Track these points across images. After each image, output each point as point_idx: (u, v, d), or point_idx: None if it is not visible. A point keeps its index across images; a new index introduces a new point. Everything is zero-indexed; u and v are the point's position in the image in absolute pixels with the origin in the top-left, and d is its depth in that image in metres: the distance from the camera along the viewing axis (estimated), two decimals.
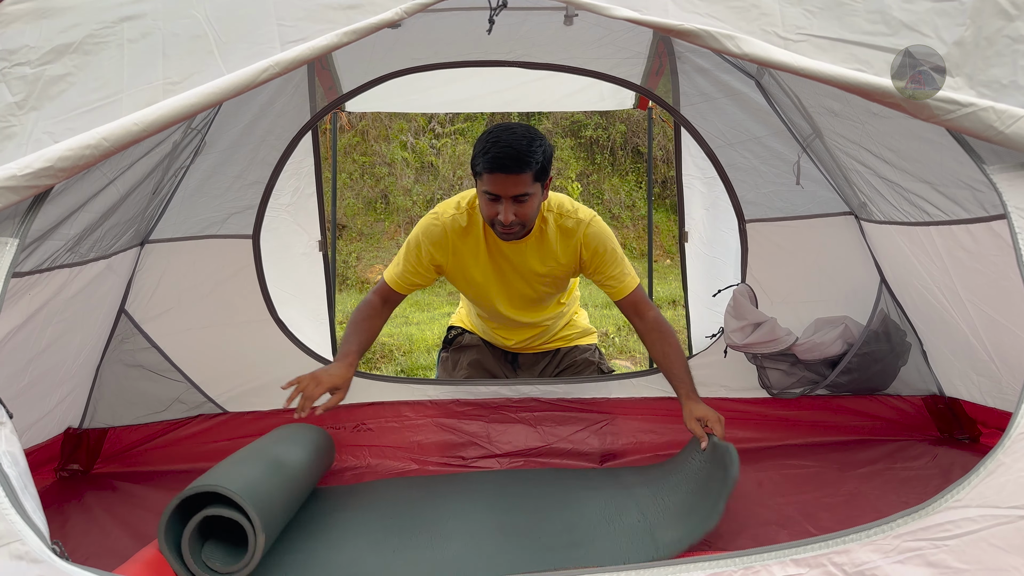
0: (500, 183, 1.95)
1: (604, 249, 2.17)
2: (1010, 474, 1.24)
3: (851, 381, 2.43)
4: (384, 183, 9.08)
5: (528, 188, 1.96)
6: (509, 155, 1.91)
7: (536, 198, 2.02)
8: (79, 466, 2.35)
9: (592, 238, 2.17)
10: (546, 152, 1.99)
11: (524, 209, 2.00)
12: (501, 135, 1.95)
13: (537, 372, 2.60)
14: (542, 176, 2.00)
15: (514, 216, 1.99)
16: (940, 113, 1.32)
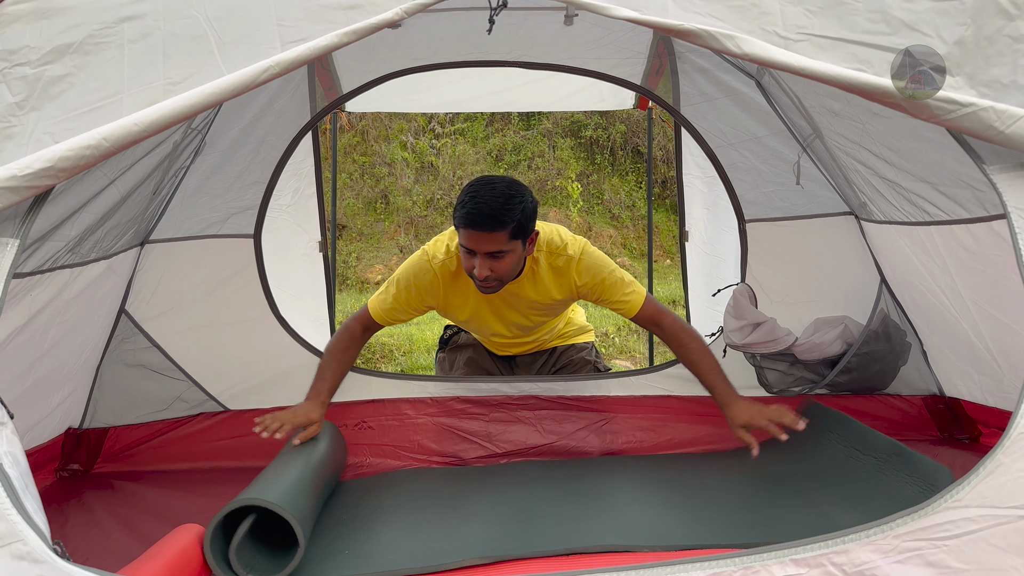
0: (474, 239, 1.92)
1: (601, 279, 2.14)
2: (1010, 474, 1.24)
3: (851, 381, 2.43)
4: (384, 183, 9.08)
5: (503, 246, 1.93)
6: (483, 213, 1.88)
7: (514, 255, 1.99)
8: (79, 466, 2.35)
9: (586, 273, 2.14)
10: (526, 210, 1.94)
11: (500, 265, 1.97)
12: (480, 190, 1.92)
13: (534, 371, 2.60)
14: (520, 234, 1.96)
15: (490, 271, 1.97)
16: (940, 113, 1.32)
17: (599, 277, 2.14)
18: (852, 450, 2.03)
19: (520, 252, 2.01)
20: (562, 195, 9.21)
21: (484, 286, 2.03)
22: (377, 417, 2.46)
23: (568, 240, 2.18)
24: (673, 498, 1.89)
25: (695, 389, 2.50)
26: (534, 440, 2.42)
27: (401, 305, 2.19)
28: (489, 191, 1.91)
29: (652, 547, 1.55)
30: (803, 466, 2.08)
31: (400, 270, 2.22)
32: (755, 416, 1.93)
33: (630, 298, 2.14)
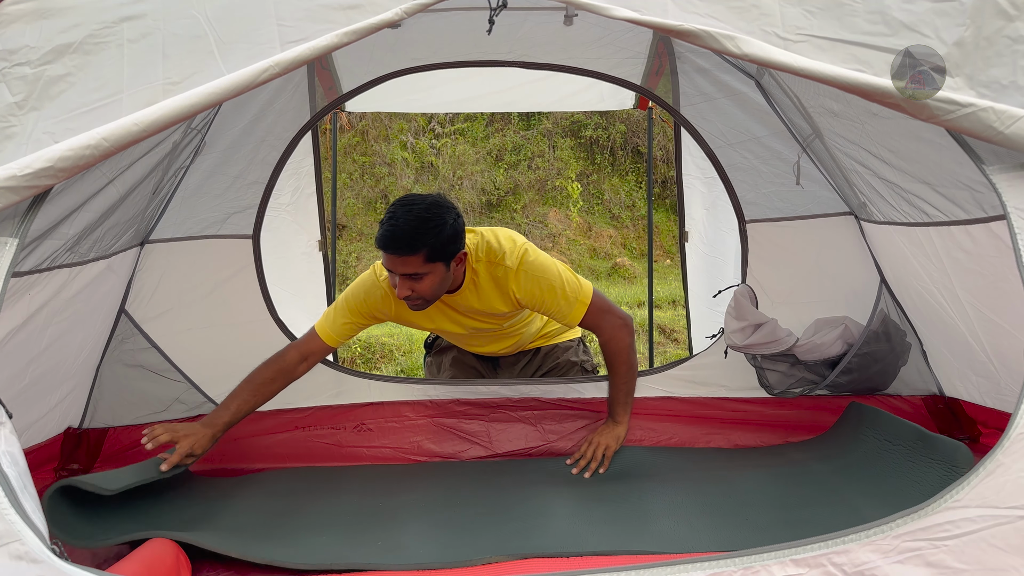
0: (389, 261, 1.91)
1: (540, 290, 2.07)
2: (1009, 474, 1.24)
3: (851, 381, 2.43)
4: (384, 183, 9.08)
5: (419, 268, 1.90)
6: (395, 236, 1.86)
7: (434, 276, 1.94)
8: (79, 466, 2.35)
9: (523, 285, 2.07)
10: (442, 234, 1.89)
11: (421, 286, 1.94)
12: (396, 212, 1.89)
13: (517, 371, 2.57)
14: (438, 256, 1.92)
15: (410, 291, 1.94)
16: (940, 113, 1.32)
17: (539, 288, 2.07)
18: (884, 442, 2.05)
19: (443, 273, 1.96)
20: (562, 195, 9.22)
21: (409, 304, 2.01)
22: (376, 419, 2.45)
23: (507, 249, 2.10)
24: (704, 500, 1.89)
25: (696, 391, 2.51)
26: (535, 442, 2.41)
27: (353, 320, 2.15)
28: (405, 213, 1.88)
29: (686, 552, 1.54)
30: (838, 463, 2.10)
31: (349, 290, 2.18)
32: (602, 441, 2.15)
33: (572, 309, 2.09)
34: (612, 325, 2.12)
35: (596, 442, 2.15)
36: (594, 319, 2.12)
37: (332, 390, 2.48)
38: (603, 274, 8.44)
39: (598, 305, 2.13)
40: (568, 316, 2.11)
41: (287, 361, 2.12)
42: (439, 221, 1.90)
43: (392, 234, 1.87)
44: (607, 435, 2.16)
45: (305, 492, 2.09)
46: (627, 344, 2.14)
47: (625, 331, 2.14)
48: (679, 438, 2.45)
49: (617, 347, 2.13)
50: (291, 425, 2.46)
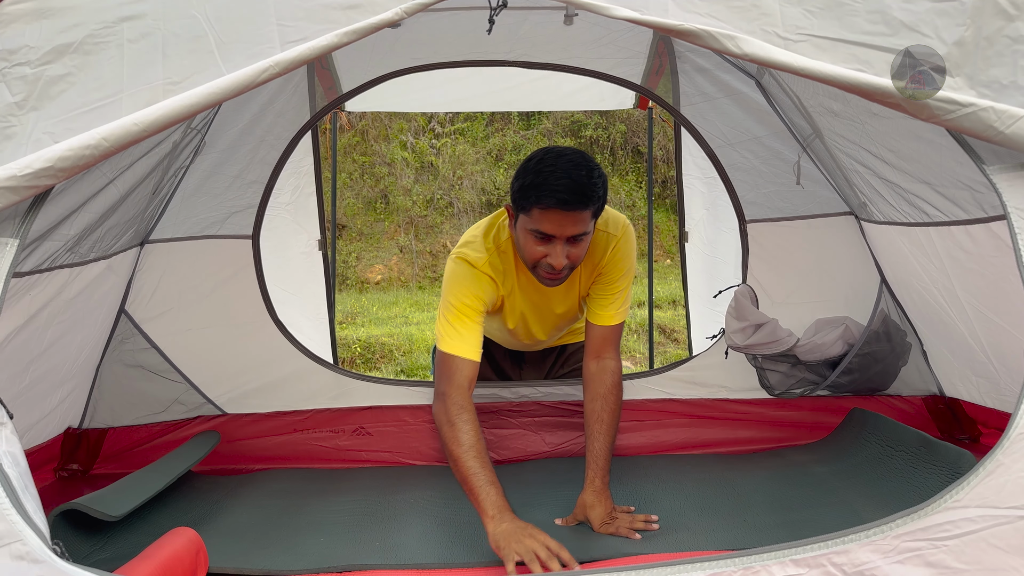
0: (557, 221, 1.65)
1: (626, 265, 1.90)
2: (1009, 474, 1.24)
3: (852, 382, 2.43)
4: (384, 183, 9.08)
5: (587, 226, 1.69)
6: (571, 189, 1.62)
7: (590, 236, 1.75)
8: (79, 466, 2.35)
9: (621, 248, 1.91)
10: (605, 182, 1.71)
11: (578, 250, 1.72)
12: (557, 163, 1.64)
13: (544, 369, 2.54)
14: (600, 212, 1.74)
15: (567, 259, 1.71)
16: (940, 113, 1.32)
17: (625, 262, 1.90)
18: (886, 447, 2.05)
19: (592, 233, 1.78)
20: None
21: (554, 277, 1.75)
22: (375, 423, 2.45)
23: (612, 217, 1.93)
24: (703, 502, 1.89)
25: (696, 392, 2.51)
26: (536, 446, 2.41)
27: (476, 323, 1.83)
28: (567, 163, 1.64)
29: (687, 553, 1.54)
30: (839, 466, 2.10)
31: (454, 296, 1.85)
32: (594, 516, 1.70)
33: (616, 308, 1.90)
34: (618, 360, 1.91)
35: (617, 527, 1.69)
36: (615, 338, 1.91)
37: (331, 392, 2.48)
38: None
39: (621, 333, 1.95)
40: (610, 311, 1.89)
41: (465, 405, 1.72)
42: (598, 166, 1.70)
43: (567, 187, 1.61)
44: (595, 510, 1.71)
45: (305, 493, 2.10)
46: (620, 384, 1.87)
47: (621, 371, 1.91)
48: (679, 440, 2.44)
49: (616, 384, 1.84)
50: (290, 428, 2.46)
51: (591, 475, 1.76)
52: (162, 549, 1.48)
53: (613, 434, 1.81)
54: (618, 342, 1.91)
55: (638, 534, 1.67)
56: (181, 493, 2.05)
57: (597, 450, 1.77)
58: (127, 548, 1.68)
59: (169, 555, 1.47)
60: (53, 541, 1.24)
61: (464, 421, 1.68)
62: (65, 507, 1.63)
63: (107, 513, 1.67)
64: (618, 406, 1.83)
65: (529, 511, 1.89)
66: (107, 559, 1.63)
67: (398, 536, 1.74)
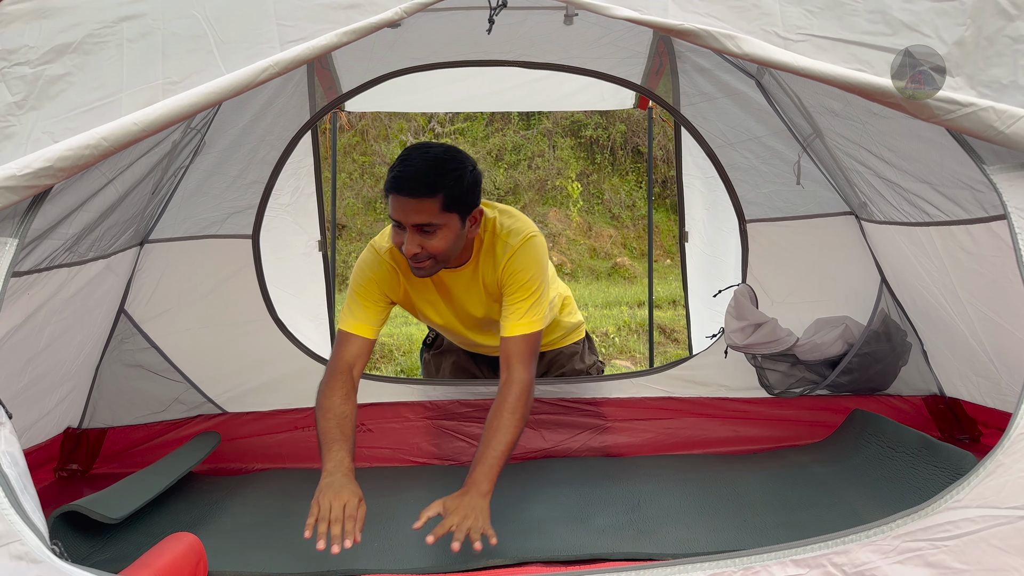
0: (400, 208, 1.71)
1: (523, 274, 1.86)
2: (1009, 475, 1.24)
3: (851, 381, 2.43)
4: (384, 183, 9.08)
5: (434, 218, 1.70)
6: (411, 176, 1.68)
7: (449, 231, 1.75)
8: (78, 466, 2.35)
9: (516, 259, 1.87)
10: (463, 178, 1.73)
11: (435, 242, 1.73)
12: (412, 153, 1.74)
13: None
14: (457, 206, 1.73)
15: (419, 248, 1.73)
16: (940, 113, 1.32)
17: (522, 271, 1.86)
18: (887, 449, 2.05)
19: (457, 229, 1.77)
20: (562, 195, 9.22)
21: (415, 266, 1.79)
22: (376, 420, 2.45)
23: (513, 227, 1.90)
24: (703, 503, 1.89)
25: (696, 391, 2.51)
26: (535, 443, 2.41)
27: (374, 305, 1.92)
28: (421, 155, 1.73)
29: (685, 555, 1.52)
30: (839, 466, 2.10)
31: (353, 277, 1.97)
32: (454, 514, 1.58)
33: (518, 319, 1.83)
34: (530, 372, 1.81)
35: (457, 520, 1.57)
36: (522, 351, 1.81)
37: None
38: (603, 274, 8.44)
39: (535, 345, 1.85)
40: (515, 322, 1.83)
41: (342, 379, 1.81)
42: (458, 164, 1.74)
43: (407, 174, 1.69)
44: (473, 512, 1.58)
45: (305, 493, 2.08)
46: (531, 399, 1.79)
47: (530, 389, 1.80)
48: (679, 438, 2.44)
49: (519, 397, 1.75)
50: (291, 425, 2.46)
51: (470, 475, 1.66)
52: (162, 556, 1.48)
53: (507, 442, 1.70)
54: (526, 355, 1.81)
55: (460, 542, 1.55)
56: (181, 493, 2.05)
57: (479, 454, 1.70)
58: (127, 549, 1.68)
59: (168, 563, 1.46)
60: (52, 541, 1.24)
61: (333, 389, 1.79)
62: (65, 509, 1.63)
63: (107, 516, 1.67)
64: (515, 418, 1.72)
65: (528, 508, 1.90)
66: (106, 560, 1.63)
67: (397, 537, 1.74)
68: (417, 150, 1.76)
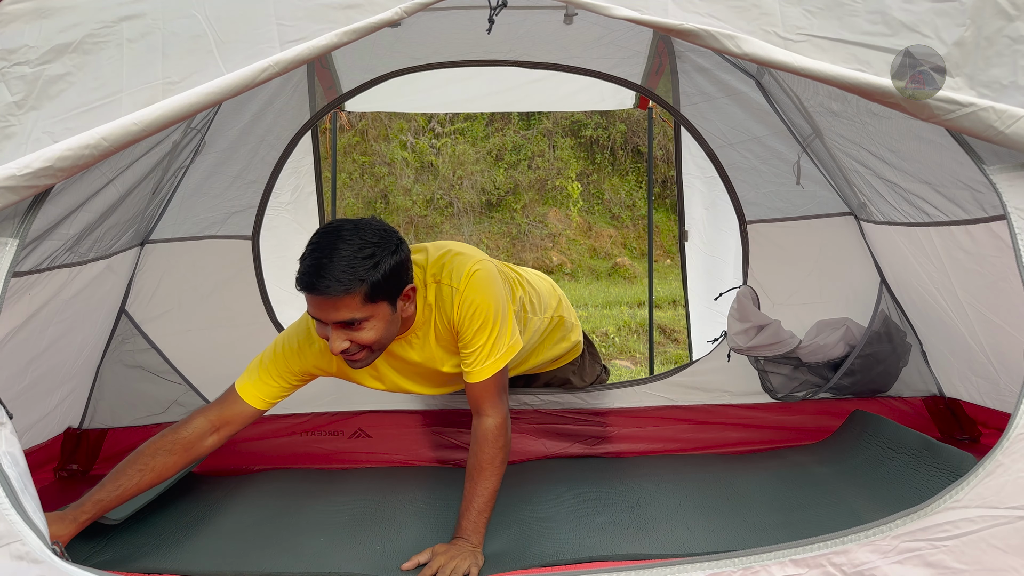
0: (317, 307, 1.53)
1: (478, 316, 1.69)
2: (1009, 475, 1.24)
3: (854, 383, 2.42)
4: (384, 183, 9.08)
5: (357, 312, 1.52)
6: (322, 274, 1.48)
7: (380, 320, 1.57)
8: (78, 466, 2.35)
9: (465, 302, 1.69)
10: (384, 264, 1.53)
11: (363, 335, 1.56)
12: (320, 240, 1.53)
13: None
14: (383, 294, 1.55)
15: (348, 343, 1.56)
16: (940, 113, 1.32)
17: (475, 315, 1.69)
18: (887, 450, 2.05)
19: (388, 316, 1.59)
20: (562, 195, 9.22)
21: (349, 360, 1.61)
22: (375, 427, 2.45)
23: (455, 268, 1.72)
24: (702, 503, 1.89)
25: (697, 398, 2.49)
26: (536, 451, 2.40)
27: (283, 382, 1.75)
28: (331, 240, 1.52)
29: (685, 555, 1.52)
30: (839, 467, 2.10)
31: (278, 341, 1.80)
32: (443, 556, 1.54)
33: (481, 363, 1.69)
34: (502, 412, 1.72)
35: (442, 561, 1.53)
36: (490, 395, 1.70)
37: (331, 395, 2.47)
38: (603, 274, 8.44)
39: (503, 381, 1.73)
40: (478, 367, 1.69)
41: (190, 432, 1.68)
42: (375, 248, 1.53)
43: (317, 269, 1.49)
44: (460, 555, 1.54)
45: (305, 494, 2.10)
46: (507, 439, 1.72)
47: (506, 428, 1.72)
48: (682, 447, 2.42)
49: (495, 442, 1.68)
50: (291, 430, 2.46)
51: (461, 525, 1.63)
52: None
53: (489, 492, 1.65)
54: (495, 395, 1.71)
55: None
56: (181, 494, 2.05)
57: (464, 506, 1.65)
58: (127, 549, 1.68)
59: None
60: (52, 541, 1.24)
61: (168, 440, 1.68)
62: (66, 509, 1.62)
63: (109, 517, 1.67)
64: (494, 465, 1.67)
65: (526, 507, 1.90)
66: (107, 560, 1.63)
67: (397, 539, 1.73)
68: (326, 236, 1.54)
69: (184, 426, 1.70)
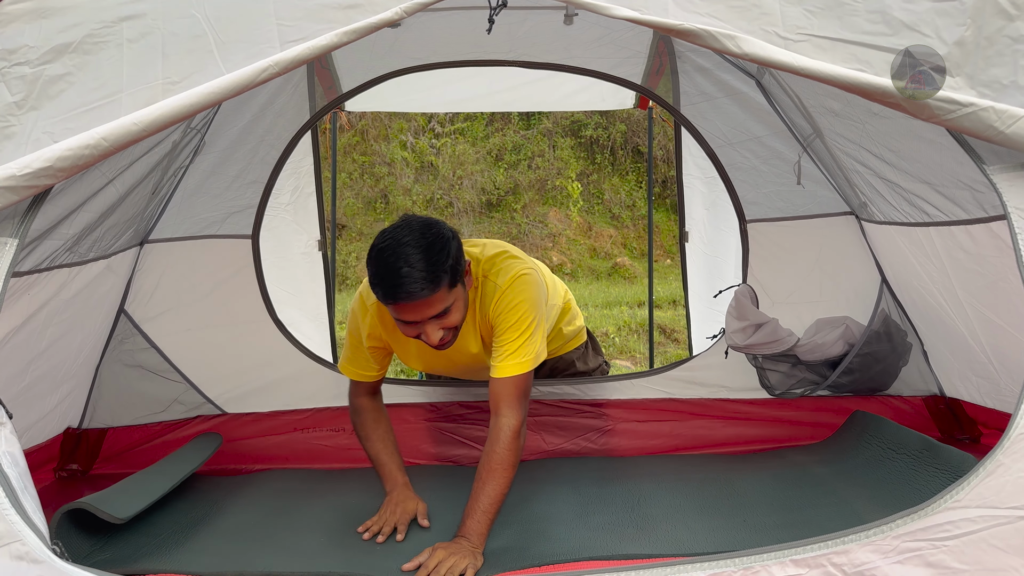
0: (410, 311, 1.65)
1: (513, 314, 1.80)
2: (1009, 475, 1.24)
3: (852, 382, 2.43)
4: (384, 183, 9.08)
5: (445, 302, 1.67)
6: (408, 283, 1.59)
7: (460, 302, 1.72)
8: (78, 466, 2.35)
9: (505, 299, 1.82)
10: (451, 251, 1.66)
11: (452, 318, 1.71)
12: (395, 252, 1.62)
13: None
14: (457, 278, 1.69)
15: (442, 332, 1.71)
16: (940, 113, 1.32)
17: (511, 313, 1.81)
18: (888, 450, 2.05)
19: (464, 296, 1.75)
20: (562, 195, 9.22)
21: (440, 344, 1.74)
22: None
23: (503, 268, 1.85)
24: (702, 503, 1.89)
25: (696, 392, 2.50)
26: (535, 444, 2.41)
27: (369, 350, 1.96)
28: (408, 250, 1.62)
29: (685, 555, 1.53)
30: (839, 467, 2.10)
31: (348, 326, 2.01)
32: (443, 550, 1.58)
33: (507, 360, 1.78)
34: (519, 415, 1.76)
35: (440, 557, 1.57)
36: (510, 394, 1.76)
37: (331, 391, 2.48)
38: (603, 274, 8.44)
39: (524, 387, 1.79)
40: (502, 362, 1.78)
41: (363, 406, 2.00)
42: (441, 241, 1.67)
43: (404, 281, 1.60)
44: (459, 553, 1.57)
45: (305, 493, 2.10)
46: (521, 442, 1.76)
47: (521, 432, 1.76)
48: (679, 440, 2.44)
49: (508, 445, 1.71)
50: (291, 427, 2.46)
51: (465, 524, 1.66)
52: None
53: (497, 493, 1.69)
54: (515, 398, 1.77)
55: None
56: (181, 494, 2.05)
57: (470, 506, 1.69)
58: (127, 548, 1.68)
59: None
60: (52, 541, 1.24)
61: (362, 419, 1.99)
62: (72, 506, 1.63)
63: (114, 516, 1.66)
64: (504, 467, 1.70)
65: (526, 506, 1.90)
66: (107, 560, 1.63)
67: (398, 543, 1.73)
68: (393, 249, 1.63)
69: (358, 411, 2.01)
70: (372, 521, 1.79)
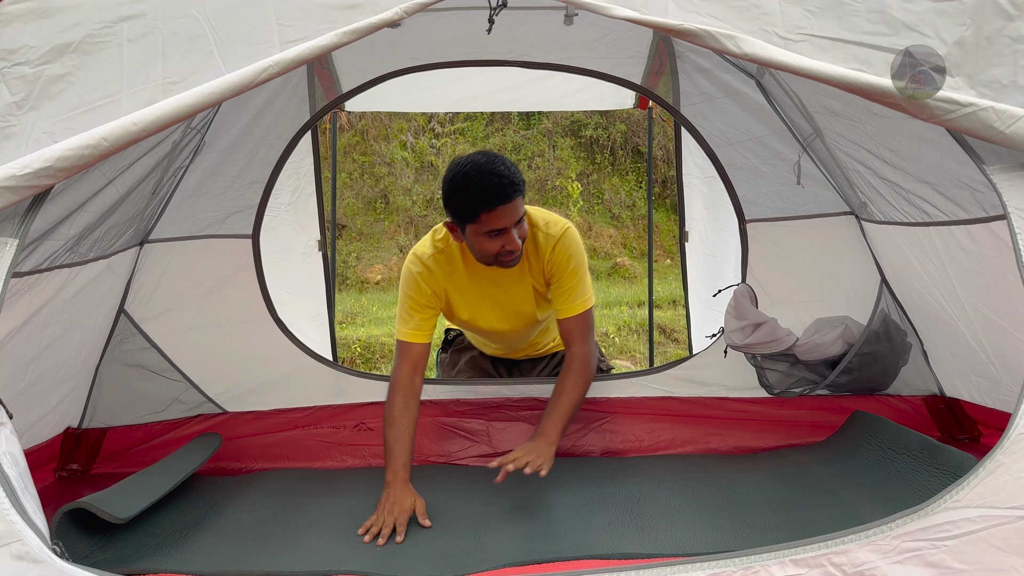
0: (506, 215, 1.87)
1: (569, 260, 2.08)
2: (1009, 475, 1.24)
3: (851, 381, 2.43)
4: (384, 183, 9.08)
5: (522, 209, 1.94)
6: (503, 185, 1.84)
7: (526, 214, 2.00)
8: (78, 466, 2.35)
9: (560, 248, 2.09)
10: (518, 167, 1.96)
11: (522, 228, 1.96)
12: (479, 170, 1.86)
13: (535, 374, 2.58)
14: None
15: (520, 239, 1.95)
16: (940, 113, 1.32)
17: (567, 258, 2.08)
18: (888, 450, 2.05)
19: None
20: (562, 195, 9.22)
21: (514, 257, 1.97)
22: (376, 419, 2.45)
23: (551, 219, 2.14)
24: (702, 502, 1.89)
25: (696, 390, 2.51)
26: None
27: (426, 313, 2.09)
28: (486, 165, 1.86)
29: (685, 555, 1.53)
30: (839, 467, 2.10)
31: (402, 290, 2.14)
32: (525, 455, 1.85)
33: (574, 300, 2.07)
34: (589, 345, 2.08)
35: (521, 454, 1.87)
36: (579, 328, 2.08)
37: (332, 389, 2.48)
38: (603, 274, 8.44)
39: (589, 321, 2.11)
40: (568, 304, 2.08)
41: (402, 384, 2.02)
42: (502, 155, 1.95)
43: (502, 182, 1.83)
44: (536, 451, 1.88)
45: (305, 493, 2.10)
46: (592, 369, 2.06)
47: (592, 359, 2.08)
48: (679, 438, 2.44)
49: (582, 367, 2.03)
50: (291, 424, 2.46)
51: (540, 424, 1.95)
52: None
53: (571, 402, 1.98)
54: (584, 331, 2.07)
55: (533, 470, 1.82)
56: (181, 494, 2.05)
57: (548, 411, 1.97)
58: (127, 548, 1.68)
59: None
60: (53, 541, 1.24)
61: (393, 402, 2.00)
62: (73, 505, 1.63)
63: (115, 516, 1.67)
64: (579, 383, 2.01)
65: (527, 505, 1.91)
66: (107, 559, 1.63)
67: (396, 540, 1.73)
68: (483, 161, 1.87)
69: (396, 387, 2.02)
70: (371, 521, 1.80)
